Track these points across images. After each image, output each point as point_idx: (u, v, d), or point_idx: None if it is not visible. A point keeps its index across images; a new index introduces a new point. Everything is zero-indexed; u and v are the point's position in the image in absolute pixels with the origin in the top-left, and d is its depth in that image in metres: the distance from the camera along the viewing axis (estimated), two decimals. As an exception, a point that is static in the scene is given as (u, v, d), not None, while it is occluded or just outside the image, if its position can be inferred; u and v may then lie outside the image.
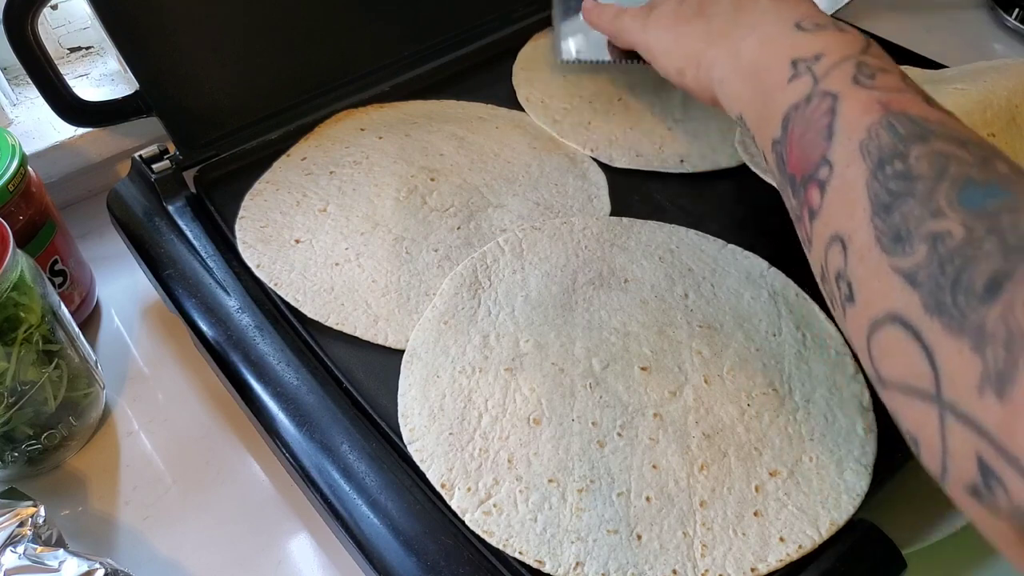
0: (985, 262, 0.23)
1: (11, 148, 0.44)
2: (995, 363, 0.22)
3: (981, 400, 0.22)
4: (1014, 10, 0.70)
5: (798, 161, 0.31)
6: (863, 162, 0.28)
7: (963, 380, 0.23)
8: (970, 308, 0.23)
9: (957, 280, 0.23)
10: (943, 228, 0.24)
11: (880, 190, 0.27)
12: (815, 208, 0.30)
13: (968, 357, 0.22)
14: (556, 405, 0.36)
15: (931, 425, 0.24)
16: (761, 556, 0.32)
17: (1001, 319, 0.22)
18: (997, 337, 0.22)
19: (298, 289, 0.42)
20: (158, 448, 0.44)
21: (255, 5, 0.49)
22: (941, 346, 0.24)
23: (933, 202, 0.25)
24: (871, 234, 0.27)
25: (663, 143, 0.51)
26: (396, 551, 0.32)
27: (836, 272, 0.29)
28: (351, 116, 0.53)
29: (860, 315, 0.27)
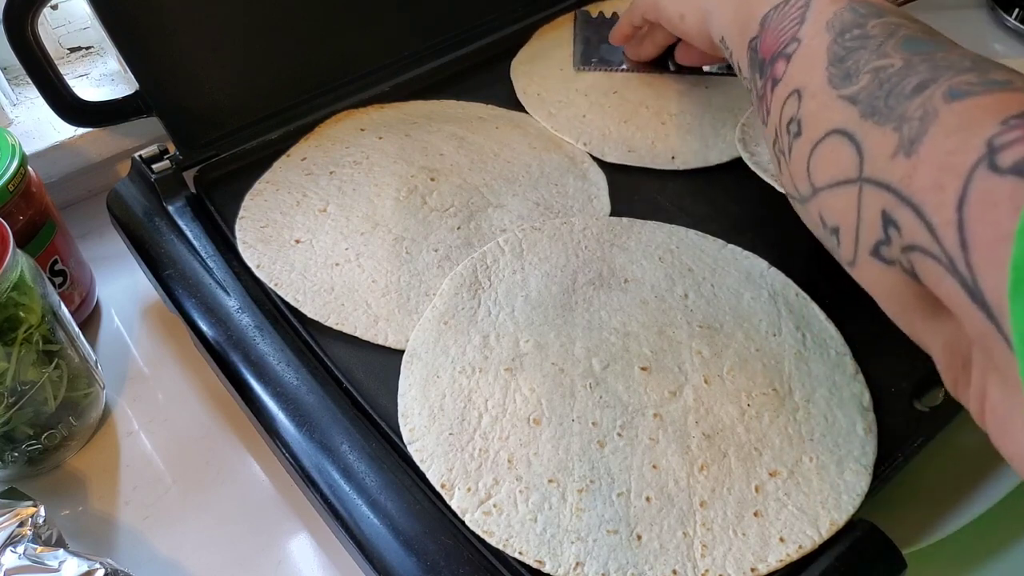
0: (916, 76, 0.27)
1: (11, 148, 0.44)
2: (908, 133, 0.25)
3: (892, 164, 0.26)
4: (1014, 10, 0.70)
5: (769, 44, 0.35)
6: (827, 33, 0.32)
7: (881, 153, 0.26)
8: (897, 104, 0.26)
9: (891, 91, 0.27)
10: (886, 63, 0.28)
11: (838, 48, 0.31)
12: (779, 76, 0.34)
13: (889, 136, 0.26)
14: (556, 405, 0.36)
15: (851, 204, 0.28)
16: (761, 556, 0.32)
17: (920, 105, 0.26)
18: (914, 117, 0.25)
19: (298, 289, 0.42)
20: (158, 448, 0.44)
21: (255, 5, 0.49)
22: (869, 136, 0.27)
23: (881, 49, 0.29)
24: (825, 79, 0.30)
25: (655, 138, 0.51)
26: (396, 551, 0.32)
27: (788, 119, 0.32)
28: (351, 116, 0.53)
29: (804, 142, 0.31)
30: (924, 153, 0.24)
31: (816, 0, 0.34)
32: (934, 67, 0.27)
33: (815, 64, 0.31)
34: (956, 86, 0.25)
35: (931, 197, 0.24)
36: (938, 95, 0.25)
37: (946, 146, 0.24)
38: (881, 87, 0.28)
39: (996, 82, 0.25)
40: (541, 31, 0.60)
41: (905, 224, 0.25)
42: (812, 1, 0.34)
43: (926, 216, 0.24)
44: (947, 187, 0.23)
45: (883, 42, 0.29)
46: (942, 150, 0.24)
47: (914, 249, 0.25)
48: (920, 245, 0.24)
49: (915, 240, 0.24)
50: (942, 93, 0.25)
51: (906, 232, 0.25)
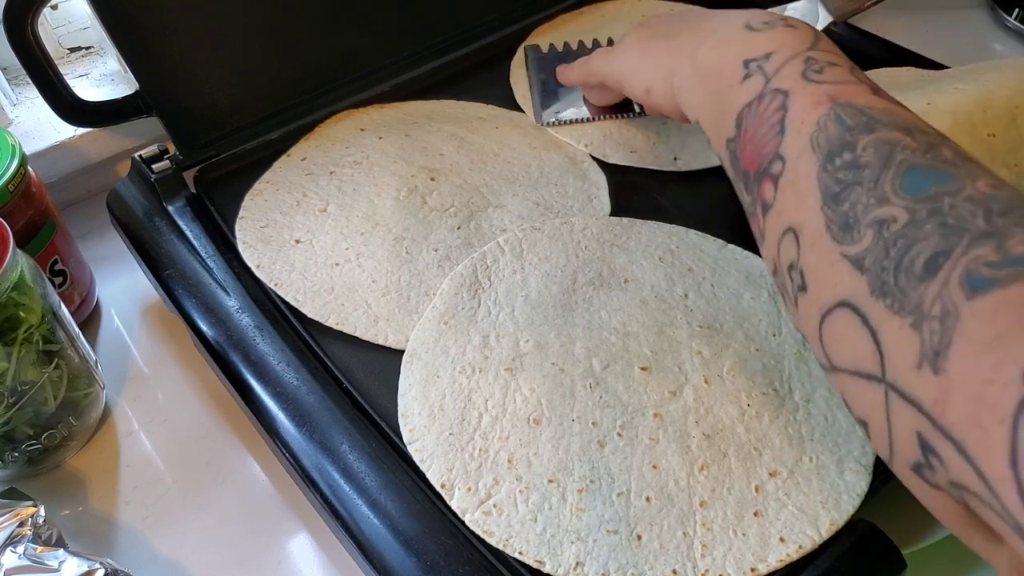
0: (925, 243, 0.24)
1: (11, 148, 0.44)
2: (931, 339, 0.23)
3: (919, 377, 0.23)
4: (1014, 10, 0.70)
5: (751, 157, 0.32)
6: (813, 154, 0.29)
7: (903, 359, 0.24)
8: (910, 287, 0.24)
9: (900, 262, 0.24)
10: (888, 214, 0.25)
11: (830, 180, 0.28)
12: (768, 202, 0.31)
13: (908, 335, 0.23)
14: (556, 405, 0.36)
15: (878, 406, 0.25)
16: (761, 556, 0.32)
17: (937, 297, 0.23)
18: (933, 314, 0.23)
19: (298, 289, 0.42)
20: (158, 448, 0.44)
21: (255, 5, 0.49)
22: (885, 326, 0.24)
23: (879, 189, 0.26)
24: (821, 223, 0.27)
25: (657, 139, 0.51)
26: (396, 551, 0.32)
27: (789, 263, 0.29)
28: (351, 116, 0.53)
29: (812, 304, 0.28)
30: (954, 375, 0.22)
31: (794, 101, 0.30)
32: (943, 228, 0.24)
33: (807, 198, 0.28)
34: (974, 269, 0.22)
35: (974, 439, 0.21)
36: (955, 283, 0.22)
37: (978, 372, 0.21)
38: (887, 254, 0.25)
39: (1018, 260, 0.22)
40: (539, 30, 0.60)
41: (948, 459, 0.22)
42: (789, 102, 0.31)
43: (972, 460, 0.21)
44: (990, 433, 0.20)
45: (879, 177, 0.26)
46: (975, 376, 0.21)
47: (965, 490, 0.22)
48: (972, 490, 0.22)
49: (964, 482, 0.22)
50: (959, 280, 0.22)
51: (951, 468, 0.22)
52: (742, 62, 0.34)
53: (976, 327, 0.22)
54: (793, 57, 0.32)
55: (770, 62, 0.33)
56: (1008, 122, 0.42)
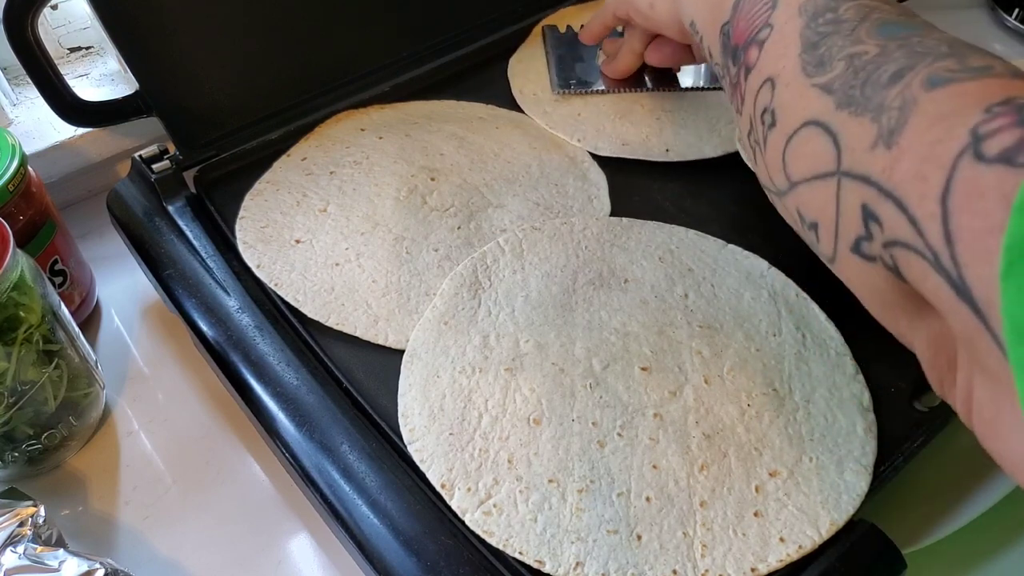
0: (893, 63, 0.26)
1: (11, 148, 0.44)
2: (888, 123, 0.24)
3: (871, 155, 0.24)
4: (1014, 10, 0.70)
5: (742, 30, 0.34)
6: (799, 18, 0.30)
7: (859, 144, 0.25)
8: (874, 94, 0.25)
9: (867, 80, 0.26)
10: (860, 49, 0.27)
11: (811, 33, 0.29)
12: (752, 64, 0.32)
13: (867, 127, 0.25)
14: (556, 405, 0.36)
15: (830, 198, 0.27)
16: (761, 556, 0.32)
17: (899, 94, 0.24)
18: (893, 106, 0.24)
19: (298, 289, 0.42)
20: (158, 448, 0.44)
21: (255, 5, 0.49)
22: (846, 127, 0.26)
23: (855, 34, 0.28)
24: (798, 66, 0.29)
25: (650, 133, 0.51)
26: (396, 551, 0.32)
27: (763, 109, 0.31)
28: (351, 116, 0.53)
29: (779, 134, 0.30)
30: (905, 144, 0.23)
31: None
32: (911, 53, 0.26)
33: (788, 50, 0.30)
34: (935, 73, 0.24)
35: (913, 189, 0.23)
36: (916, 83, 0.24)
37: (928, 136, 0.23)
38: (856, 75, 0.26)
39: (976, 68, 0.24)
40: (539, 28, 0.60)
41: (887, 218, 0.24)
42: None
43: (909, 209, 0.23)
44: (930, 178, 0.22)
45: (856, 26, 0.28)
46: (924, 140, 0.23)
47: (896, 244, 0.24)
48: (903, 240, 0.23)
49: (897, 235, 0.23)
50: (921, 81, 0.24)
51: (888, 227, 0.24)
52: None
53: (931, 107, 0.23)
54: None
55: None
56: (1008, 122, 0.42)
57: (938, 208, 0.21)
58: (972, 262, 0.20)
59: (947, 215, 0.21)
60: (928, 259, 0.22)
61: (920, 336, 0.26)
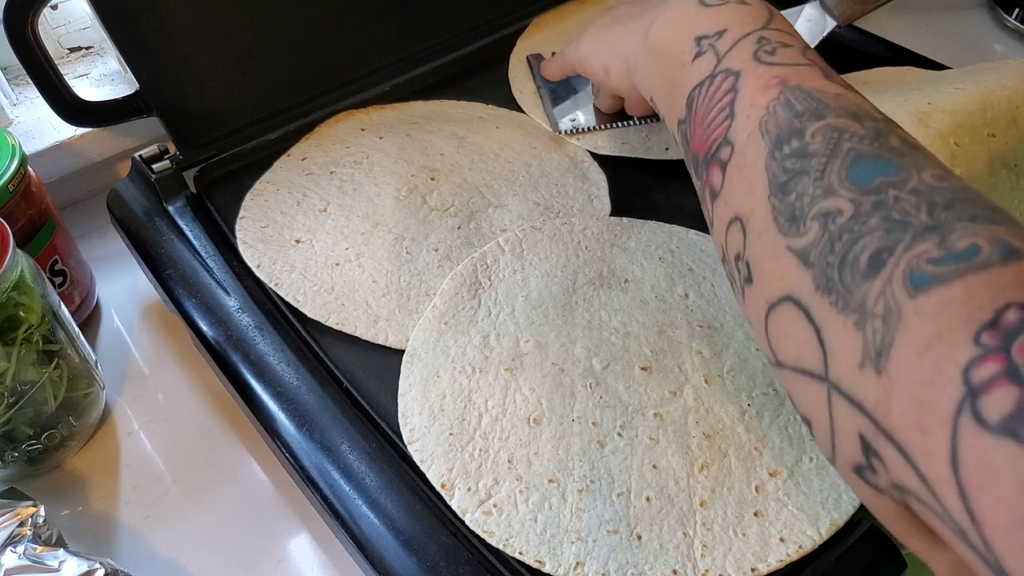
0: (869, 238, 0.23)
1: (11, 148, 0.44)
2: (874, 339, 0.22)
3: (861, 377, 0.22)
4: (1014, 10, 0.70)
5: (701, 141, 0.31)
6: (762, 140, 0.28)
7: (846, 357, 0.23)
8: (854, 284, 0.23)
9: (844, 258, 0.24)
10: (834, 206, 0.25)
11: (777, 169, 0.27)
12: (716, 189, 0.30)
13: (851, 334, 0.23)
14: (556, 405, 0.36)
15: (821, 405, 0.25)
16: (761, 556, 0.32)
17: (880, 295, 0.22)
18: (876, 313, 0.22)
19: (298, 289, 0.42)
20: (158, 448, 0.44)
21: (255, 5, 0.49)
22: (828, 324, 0.24)
23: (826, 179, 0.25)
24: (768, 213, 0.27)
25: (650, 132, 0.51)
26: (396, 551, 0.32)
27: (736, 253, 0.29)
28: (351, 116, 0.53)
29: (758, 296, 0.28)
30: (895, 375, 0.21)
31: (744, 83, 0.30)
32: (886, 222, 0.23)
33: (754, 187, 0.28)
34: (917, 267, 0.22)
35: (915, 440, 0.21)
36: (898, 281, 0.22)
37: (919, 372, 0.21)
38: (832, 248, 0.24)
39: (960, 255, 0.21)
40: (540, 20, 0.60)
41: (890, 461, 0.22)
42: (740, 83, 0.30)
43: (914, 462, 0.21)
44: (931, 434, 0.20)
45: (826, 165, 0.26)
46: (916, 377, 0.21)
47: (906, 492, 0.22)
48: (914, 492, 0.21)
49: (905, 484, 0.22)
50: (902, 278, 0.22)
51: (893, 470, 0.22)
52: (694, 39, 0.33)
53: (918, 325, 0.21)
54: (745, 36, 0.31)
55: (722, 40, 0.32)
56: (1008, 122, 0.42)
57: (950, 474, 0.20)
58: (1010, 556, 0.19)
59: (964, 491, 0.19)
60: (952, 528, 0.20)
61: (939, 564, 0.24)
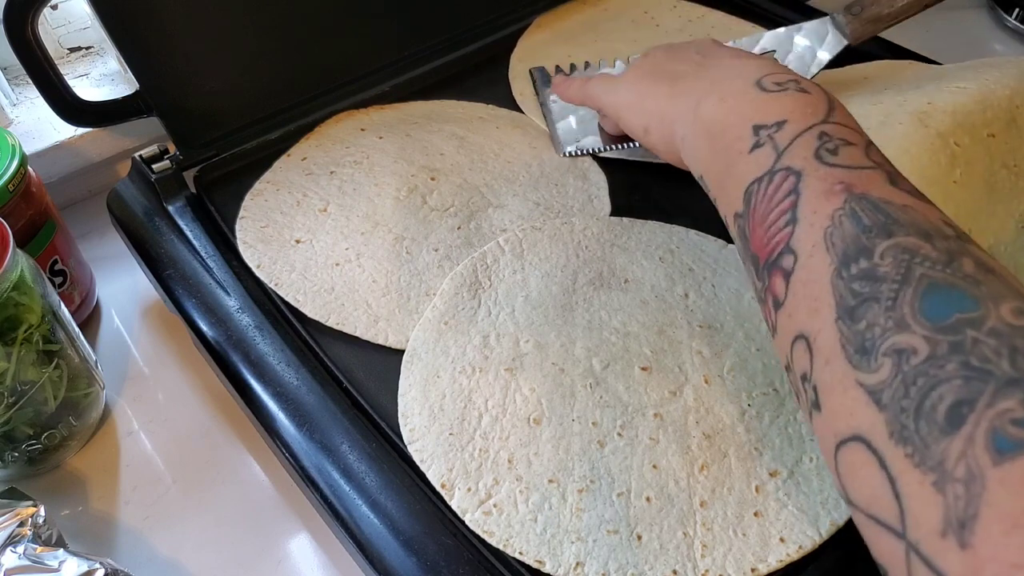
0: (947, 386, 0.23)
1: (11, 148, 0.44)
2: (956, 505, 0.22)
3: (944, 546, 0.22)
4: (1014, 10, 0.70)
5: (761, 243, 0.30)
6: (827, 255, 0.27)
7: (926, 521, 0.22)
8: (932, 439, 0.23)
9: (920, 406, 0.23)
10: (907, 343, 0.24)
11: (845, 291, 0.26)
12: (780, 299, 0.29)
13: (931, 495, 0.22)
14: (556, 405, 0.36)
15: (899, 560, 0.24)
16: (761, 556, 0.32)
17: (962, 456, 0.22)
18: (957, 476, 0.22)
19: (298, 289, 0.42)
20: (158, 448, 0.44)
21: (255, 5, 0.49)
22: (905, 479, 0.23)
23: (897, 310, 0.25)
24: (836, 339, 0.26)
25: None
26: (396, 551, 0.32)
27: (802, 374, 0.28)
28: (352, 116, 0.53)
29: (826, 428, 0.27)
30: (982, 551, 0.21)
31: (807, 187, 0.29)
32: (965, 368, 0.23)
33: (821, 307, 0.27)
34: (1001, 429, 0.21)
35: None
36: (980, 442, 0.21)
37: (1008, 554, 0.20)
38: (907, 393, 0.23)
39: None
40: (539, 21, 0.60)
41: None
42: (802, 187, 0.29)
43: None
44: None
45: (897, 293, 0.25)
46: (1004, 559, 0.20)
47: None
48: None
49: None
50: (984, 440, 0.21)
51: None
52: (751, 127, 0.32)
53: (1004, 499, 0.21)
54: (807, 130, 0.31)
55: (781, 133, 0.31)
56: (1008, 122, 0.42)
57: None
58: None
59: None
60: None
61: None
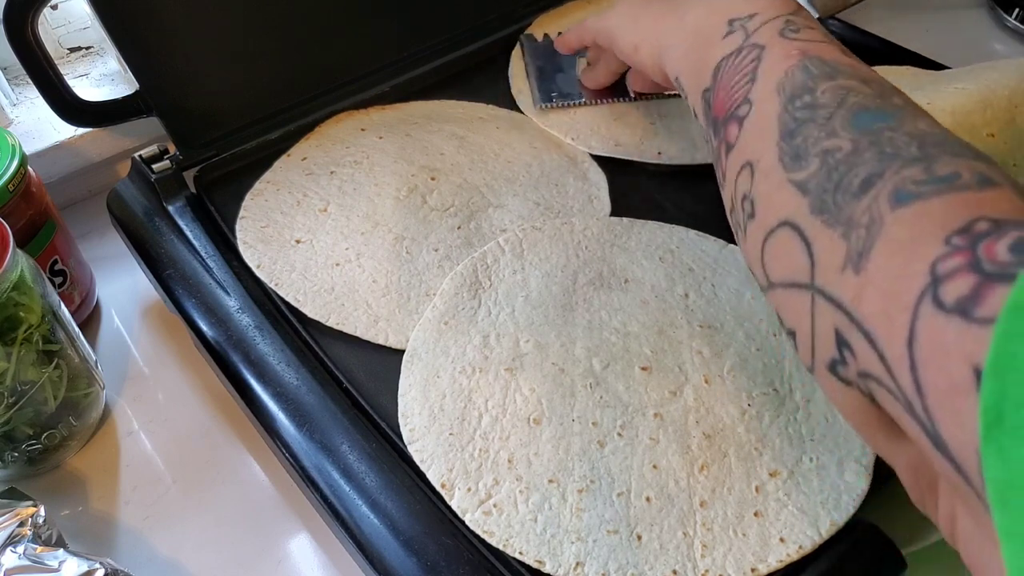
0: (863, 167, 0.26)
1: (11, 148, 0.44)
2: (856, 244, 0.25)
3: (842, 278, 0.25)
4: (1014, 10, 0.70)
5: (722, 103, 0.34)
6: (777, 97, 0.31)
7: (830, 263, 0.26)
8: (845, 203, 0.26)
9: (839, 183, 0.26)
10: (834, 145, 0.27)
11: (788, 119, 0.30)
12: (732, 142, 0.32)
13: (837, 243, 0.25)
14: (556, 405, 0.36)
15: (805, 312, 0.27)
16: (761, 556, 0.32)
17: (867, 209, 0.25)
18: (862, 223, 0.25)
19: (299, 289, 0.42)
20: (158, 448, 0.44)
21: (255, 5, 0.49)
22: (818, 238, 0.26)
23: (830, 125, 0.28)
24: (776, 155, 0.29)
25: (644, 136, 0.51)
26: (396, 551, 0.32)
27: (743, 195, 0.31)
28: (352, 116, 0.53)
29: (757, 227, 0.30)
30: (872, 272, 0.24)
31: (768, 53, 0.32)
32: (880, 155, 0.26)
33: (766, 135, 0.30)
34: (901, 186, 0.24)
35: (881, 327, 0.23)
36: (883, 197, 0.25)
37: (892, 268, 0.23)
38: (829, 177, 0.27)
39: (942, 179, 0.24)
40: (543, 18, 0.60)
41: (859, 350, 0.24)
42: (764, 54, 0.33)
43: (878, 346, 0.23)
44: (895, 319, 0.22)
45: (832, 114, 0.28)
46: (888, 273, 0.23)
47: (869, 378, 0.24)
48: (875, 375, 0.23)
49: (870, 369, 0.24)
50: (887, 195, 0.24)
51: (860, 358, 0.24)
52: (726, 20, 0.36)
53: (896, 231, 0.24)
54: (774, 18, 0.34)
55: (752, 21, 0.35)
56: (1008, 122, 0.42)
57: (905, 353, 0.22)
58: (944, 420, 0.20)
59: (915, 365, 0.21)
60: (901, 402, 0.22)
61: (899, 458, 0.27)
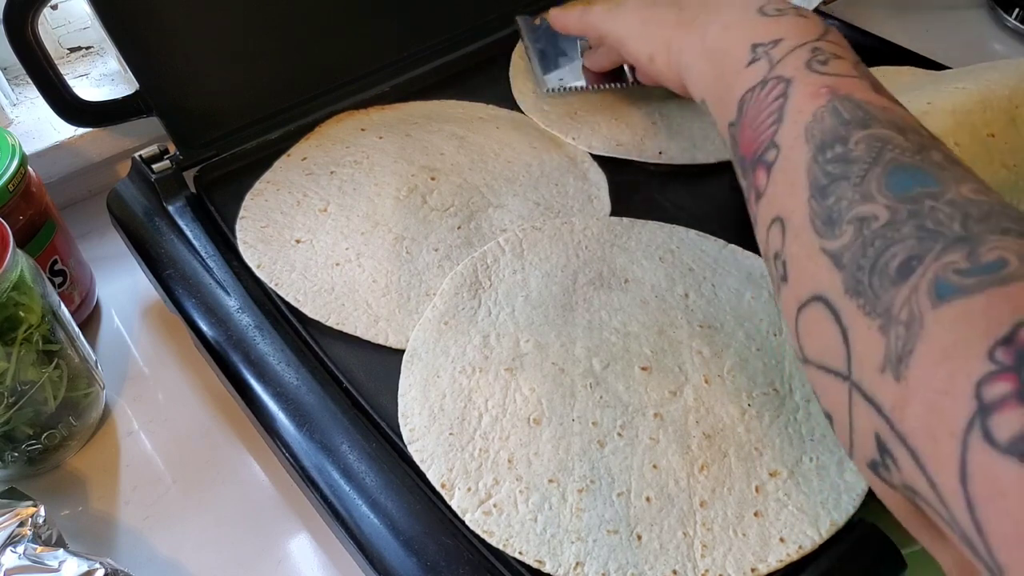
0: (901, 245, 0.24)
1: (11, 148, 0.44)
2: (895, 344, 0.23)
3: (882, 380, 0.23)
4: (1014, 10, 0.70)
5: (748, 142, 0.32)
6: (806, 145, 0.29)
7: (869, 360, 0.24)
8: (882, 290, 0.24)
9: (875, 263, 0.24)
10: (869, 211, 0.25)
11: (819, 172, 0.28)
12: (761, 190, 0.31)
13: (875, 337, 0.24)
14: (556, 405, 0.36)
15: (842, 403, 0.26)
16: (761, 556, 0.32)
17: (906, 301, 0.23)
18: (900, 319, 0.23)
19: (299, 289, 0.42)
20: (158, 448, 0.44)
21: (255, 5, 0.49)
22: (855, 326, 0.25)
23: (864, 185, 0.26)
24: (807, 215, 0.28)
25: (645, 135, 0.51)
26: (396, 551, 0.32)
27: (774, 252, 0.30)
28: (352, 116, 0.53)
29: (791, 294, 0.28)
30: (912, 383, 0.22)
31: (795, 90, 0.31)
32: (920, 231, 0.24)
33: (796, 189, 0.28)
34: (943, 275, 0.22)
35: (927, 449, 0.22)
36: (924, 289, 0.23)
37: (935, 381, 0.21)
38: (864, 252, 0.25)
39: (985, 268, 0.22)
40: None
41: (903, 464, 0.23)
42: (790, 90, 0.31)
43: (927, 471, 0.22)
44: (942, 444, 0.21)
45: (867, 172, 0.26)
46: (931, 386, 0.22)
47: (917, 495, 0.23)
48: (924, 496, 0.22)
49: (916, 487, 0.23)
50: (927, 287, 0.23)
51: (905, 472, 0.23)
52: (750, 46, 0.34)
53: (937, 335, 0.22)
54: (800, 46, 0.32)
55: (777, 48, 0.33)
56: (1008, 122, 0.42)
57: (959, 489, 0.20)
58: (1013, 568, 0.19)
59: (972, 505, 0.20)
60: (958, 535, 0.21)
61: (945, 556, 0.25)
